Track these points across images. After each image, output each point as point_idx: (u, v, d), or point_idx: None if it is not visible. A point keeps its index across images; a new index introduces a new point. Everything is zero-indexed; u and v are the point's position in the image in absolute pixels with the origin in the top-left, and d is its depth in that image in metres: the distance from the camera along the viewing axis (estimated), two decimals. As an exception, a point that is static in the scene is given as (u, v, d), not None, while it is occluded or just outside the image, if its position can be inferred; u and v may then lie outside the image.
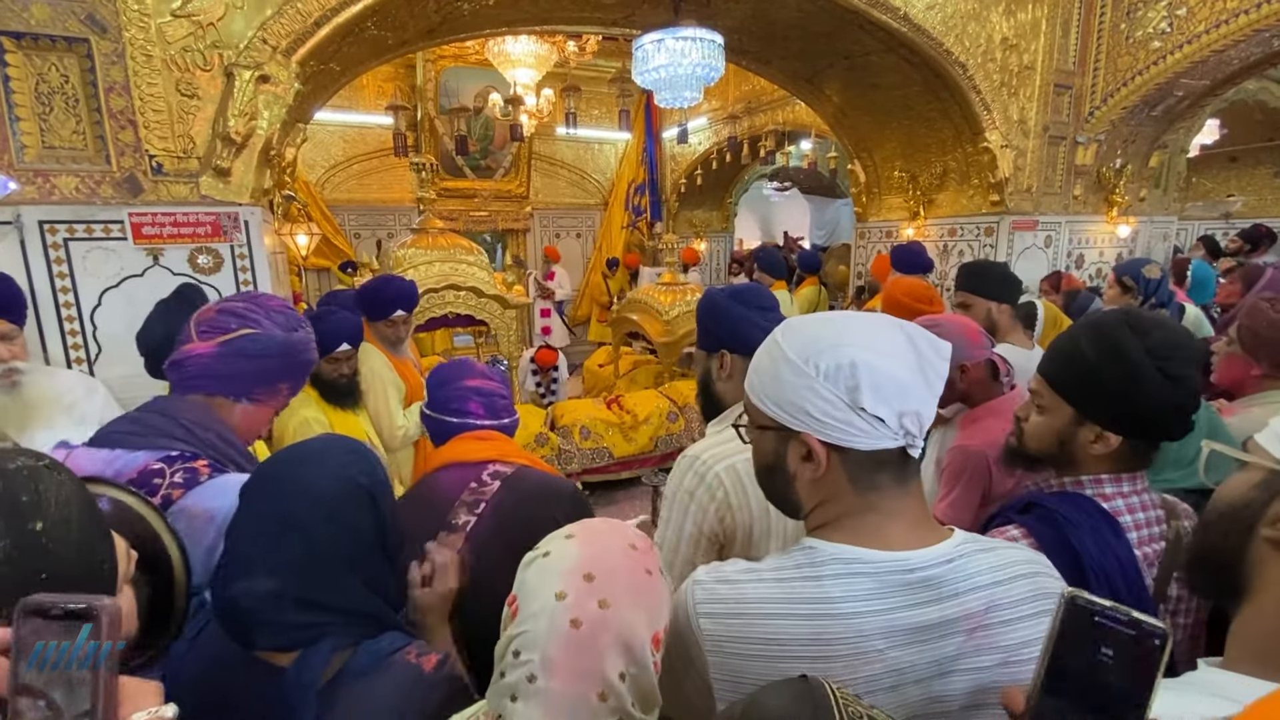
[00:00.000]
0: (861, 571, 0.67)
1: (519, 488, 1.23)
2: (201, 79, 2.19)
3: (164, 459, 1.08)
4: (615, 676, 0.62)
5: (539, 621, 0.63)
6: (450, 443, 1.34)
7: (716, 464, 1.09)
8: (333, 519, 0.84)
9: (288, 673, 0.81)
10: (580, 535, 0.70)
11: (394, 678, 0.82)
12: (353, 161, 7.24)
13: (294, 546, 0.82)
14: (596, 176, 8.57)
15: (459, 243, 4.94)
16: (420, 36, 3.30)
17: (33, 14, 1.98)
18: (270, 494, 0.85)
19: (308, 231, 4.58)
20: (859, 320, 0.73)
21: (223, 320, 1.22)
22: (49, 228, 2.09)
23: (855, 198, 5.11)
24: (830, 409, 0.68)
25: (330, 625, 0.83)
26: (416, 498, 1.26)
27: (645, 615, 0.66)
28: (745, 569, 0.73)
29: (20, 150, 2.04)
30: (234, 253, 2.31)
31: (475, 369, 1.43)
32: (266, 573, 0.81)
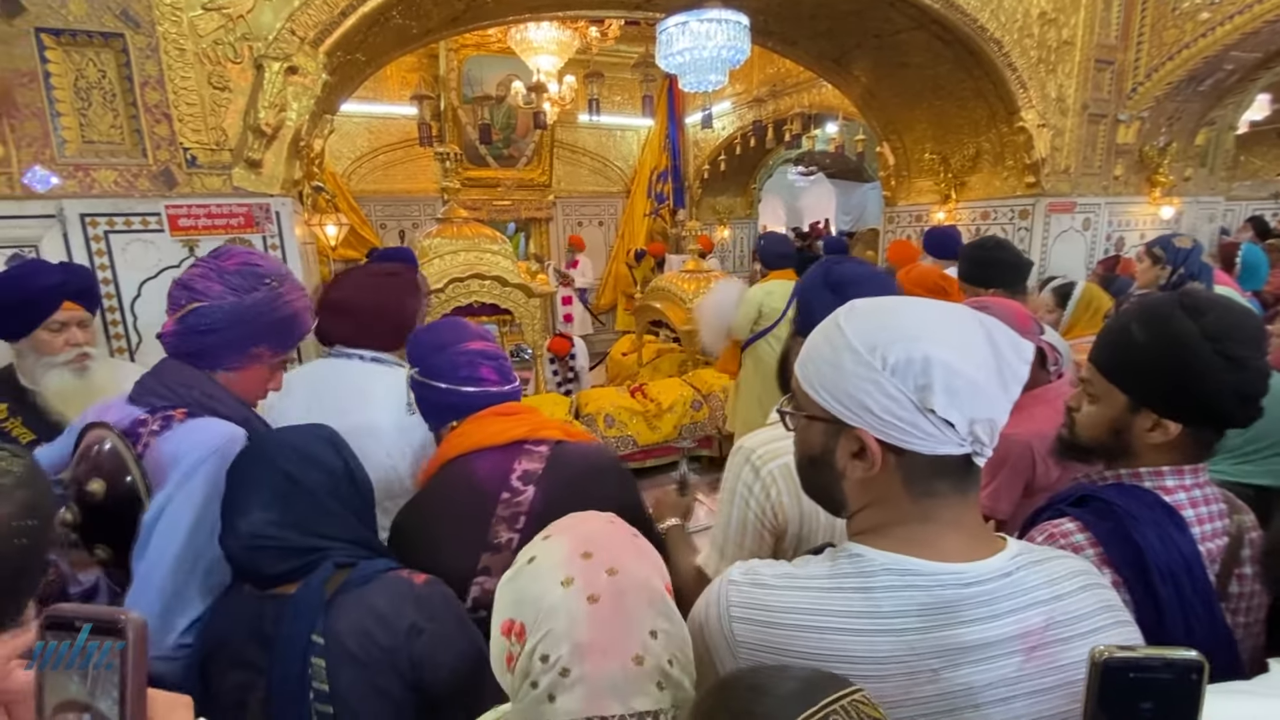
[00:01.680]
0: (915, 584, 0.63)
1: (564, 470, 1.17)
2: (232, 71, 2.21)
3: (149, 411, 1.17)
4: (647, 635, 0.62)
5: (557, 617, 0.61)
6: (474, 422, 1.21)
7: (771, 461, 1.07)
8: (306, 459, 1.00)
9: (296, 596, 0.93)
10: (557, 530, 0.70)
11: (386, 587, 0.96)
12: (378, 152, 7.30)
13: (279, 483, 0.97)
14: (619, 164, 8.52)
15: (483, 232, 4.96)
16: (444, 25, 3.29)
17: (70, 10, 2.02)
18: (254, 453, 1.02)
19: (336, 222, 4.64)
20: (934, 309, 0.67)
21: (176, 293, 1.22)
22: (90, 220, 2.14)
23: (884, 181, 5.00)
24: (894, 407, 0.61)
25: (330, 550, 0.97)
26: (453, 487, 1.18)
27: (653, 568, 0.67)
28: (783, 574, 0.69)
29: (61, 145, 2.09)
30: (266, 243, 2.34)
31: (470, 329, 1.30)
32: (260, 508, 0.95)
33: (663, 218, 8.27)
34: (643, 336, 5.61)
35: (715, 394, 4.54)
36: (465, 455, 1.18)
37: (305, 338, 1.39)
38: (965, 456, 0.64)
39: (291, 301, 1.28)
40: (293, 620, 0.91)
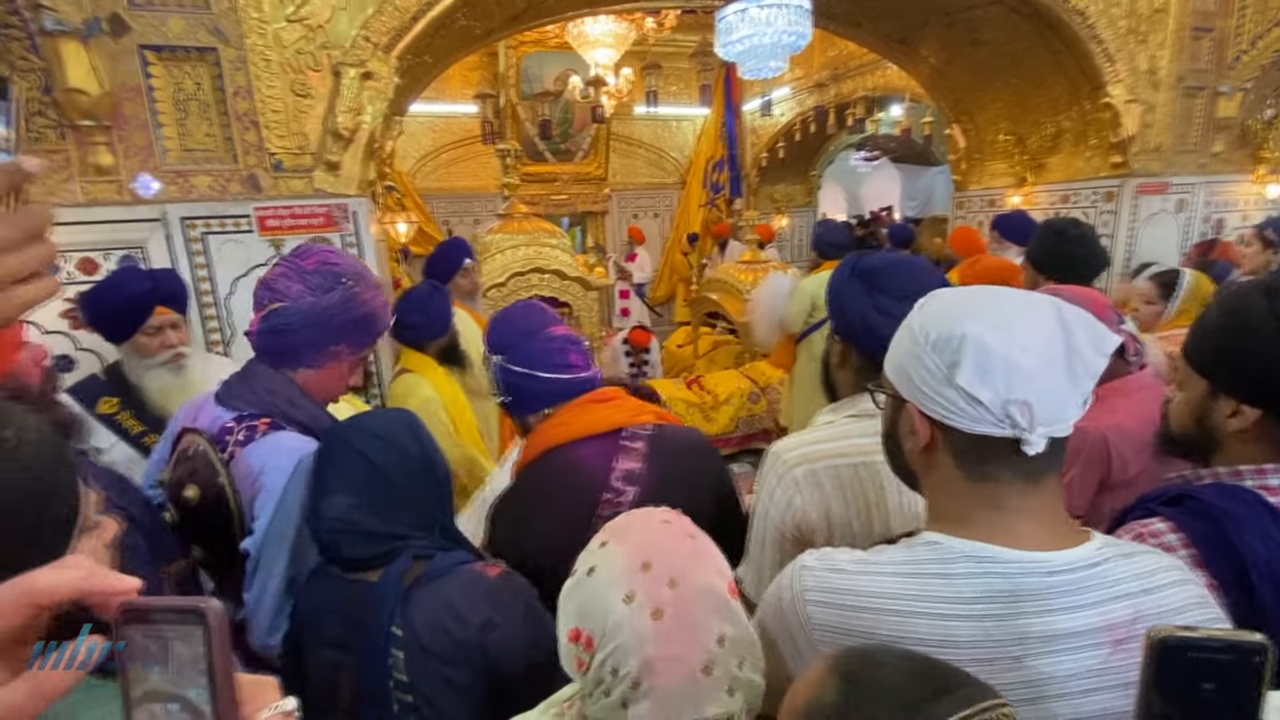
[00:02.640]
0: (995, 572, 0.63)
1: (667, 457, 1.16)
2: (313, 79, 2.34)
3: (235, 417, 1.22)
4: (714, 643, 0.64)
5: (623, 633, 0.63)
6: (573, 410, 1.20)
7: (796, 467, 1.03)
8: (387, 445, 1.02)
9: (378, 585, 0.97)
10: (613, 538, 0.71)
11: (462, 580, 0.99)
12: (441, 151, 7.53)
13: (361, 469, 1.00)
14: (674, 155, 8.49)
15: (543, 226, 5.06)
16: (505, 24, 3.37)
17: (170, 28, 2.18)
18: (339, 439, 1.06)
19: (407, 220, 4.84)
20: (1005, 296, 0.67)
21: (260, 293, 1.26)
22: (189, 223, 2.31)
23: (953, 165, 4.79)
24: (931, 380, 0.65)
25: (410, 539, 1.00)
26: (557, 479, 1.17)
27: (713, 571, 0.67)
28: (858, 559, 0.71)
29: (164, 153, 2.27)
30: (344, 241, 2.47)
31: (547, 312, 1.30)
32: (343, 491, 1.00)
33: (719, 208, 8.19)
34: (699, 328, 5.59)
35: (773, 386, 4.49)
36: (567, 445, 1.16)
37: (382, 335, 1.46)
38: (1014, 443, 0.63)
39: (368, 300, 1.30)
40: (373, 613, 0.95)
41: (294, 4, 2.26)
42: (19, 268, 0.48)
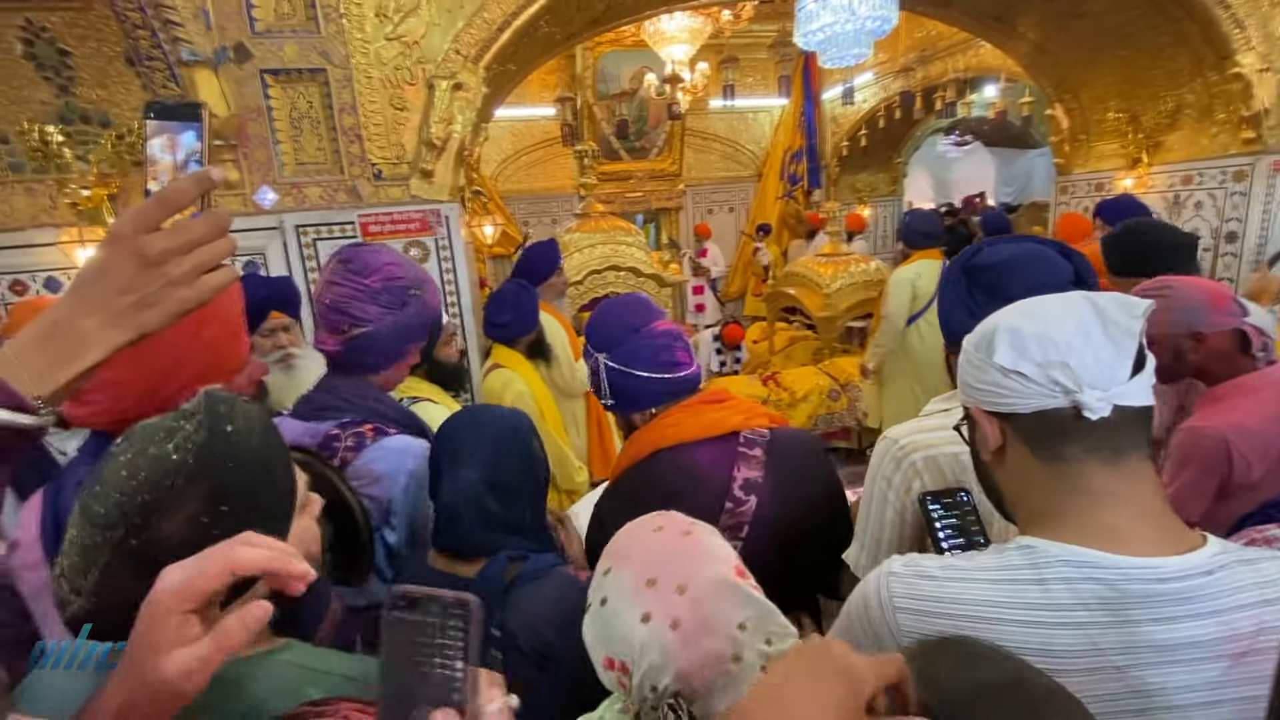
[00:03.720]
0: (1096, 578, 0.61)
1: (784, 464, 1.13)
2: (409, 93, 2.50)
3: (339, 425, 1.27)
4: (736, 630, 0.66)
5: (651, 652, 0.66)
6: (686, 411, 1.16)
7: (915, 453, 1.03)
8: (511, 432, 1.10)
9: (476, 582, 1.01)
10: (615, 563, 0.73)
11: (557, 583, 1.02)
12: (521, 154, 7.77)
13: (487, 451, 1.07)
14: (750, 147, 8.36)
15: (619, 225, 5.15)
16: (585, 28, 3.44)
17: (285, 53, 2.39)
18: (468, 423, 1.13)
19: (493, 223, 5.05)
20: (1037, 298, 0.71)
21: (332, 316, 1.27)
22: (302, 230, 2.53)
23: (1055, 147, 4.46)
24: (979, 373, 0.69)
25: (506, 540, 1.04)
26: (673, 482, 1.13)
27: (717, 561, 0.69)
28: (948, 565, 0.70)
29: (281, 167, 2.49)
30: (437, 245, 2.63)
31: (651, 308, 1.24)
32: (475, 467, 1.06)
33: (796, 200, 8.01)
34: (775, 324, 5.51)
35: (854, 384, 4.36)
36: (681, 446, 1.13)
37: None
38: (1077, 414, 0.63)
39: (434, 304, 1.37)
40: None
41: (392, 23, 2.42)
42: (210, 258, 0.59)
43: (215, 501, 0.61)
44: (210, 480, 0.61)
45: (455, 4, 2.48)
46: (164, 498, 0.59)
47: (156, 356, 0.91)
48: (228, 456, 0.63)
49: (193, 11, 2.23)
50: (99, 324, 0.57)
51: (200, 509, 0.60)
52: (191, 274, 0.58)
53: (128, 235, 0.56)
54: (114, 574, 0.58)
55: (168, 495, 0.59)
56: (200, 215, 0.58)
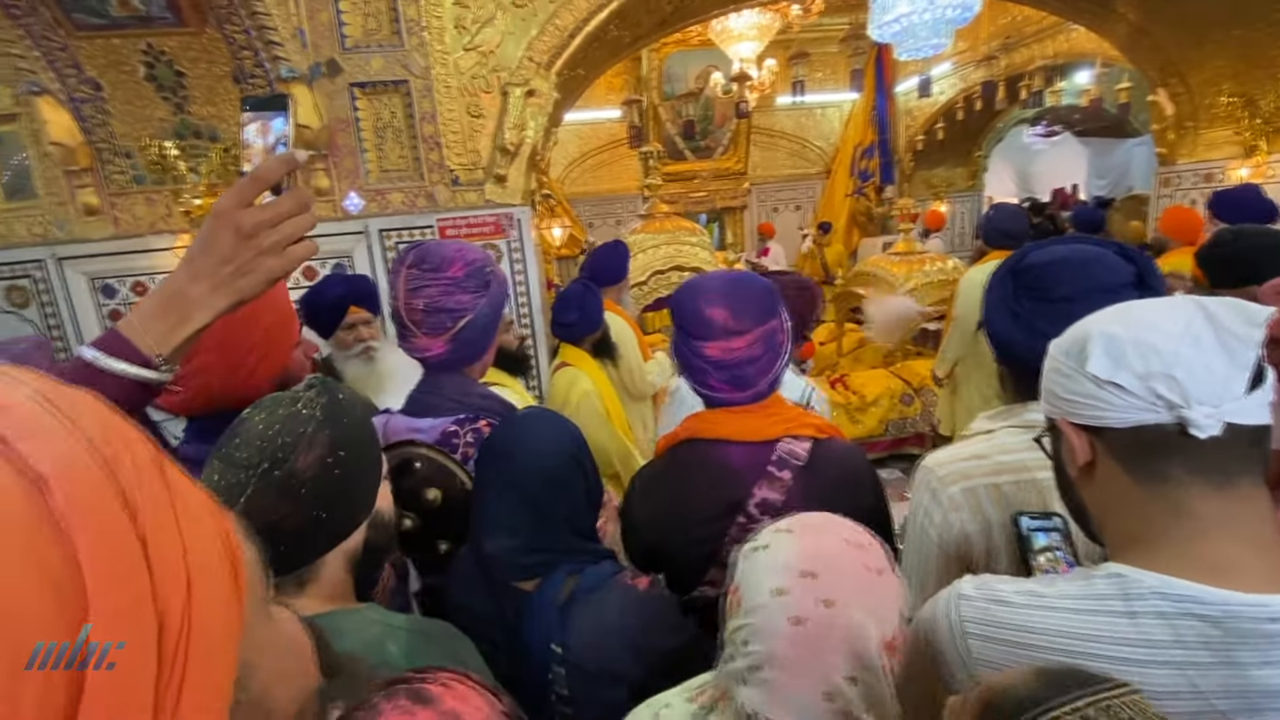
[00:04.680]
0: (1197, 614, 0.56)
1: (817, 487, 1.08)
2: (484, 100, 2.59)
3: (456, 422, 1.30)
4: (842, 680, 0.62)
5: (760, 616, 0.64)
6: (728, 411, 1.13)
7: (952, 485, 0.95)
8: (554, 485, 1.02)
9: (533, 596, 1.00)
10: (798, 530, 0.70)
11: (617, 595, 0.99)
12: (587, 156, 7.89)
13: (527, 511, 1.01)
14: (819, 144, 8.18)
15: (683, 225, 5.14)
16: (653, 29, 3.46)
17: (372, 66, 2.52)
18: (507, 469, 1.04)
19: (561, 225, 5.16)
20: (1136, 302, 0.65)
21: (434, 319, 1.29)
22: (385, 234, 2.67)
23: (1158, 136, 4.14)
24: (1068, 383, 0.64)
25: (559, 558, 1.02)
26: (701, 481, 1.12)
27: (875, 618, 0.63)
28: (1026, 591, 0.66)
29: (366, 174, 2.63)
30: (510, 247, 2.71)
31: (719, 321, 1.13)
32: (507, 533, 1.01)
33: (867, 196, 7.76)
34: (843, 325, 5.35)
35: (928, 388, 4.18)
36: (718, 441, 1.12)
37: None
38: (1181, 431, 0.57)
39: (502, 275, 1.40)
40: (532, 628, 0.98)
41: (469, 34, 2.52)
42: (294, 231, 0.67)
43: (335, 447, 0.77)
44: (331, 429, 0.77)
45: (529, 13, 2.55)
46: (299, 441, 0.75)
47: (233, 345, 1.02)
48: (343, 414, 0.80)
49: (291, 31, 2.39)
50: (205, 290, 0.66)
51: (325, 452, 0.76)
52: (279, 245, 0.66)
53: (227, 211, 0.64)
54: (258, 499, 0.72)
55: (302, 439, 0.75)
56: (286, 193, 0.66)
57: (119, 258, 2.66)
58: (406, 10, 2.45)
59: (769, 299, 1.11)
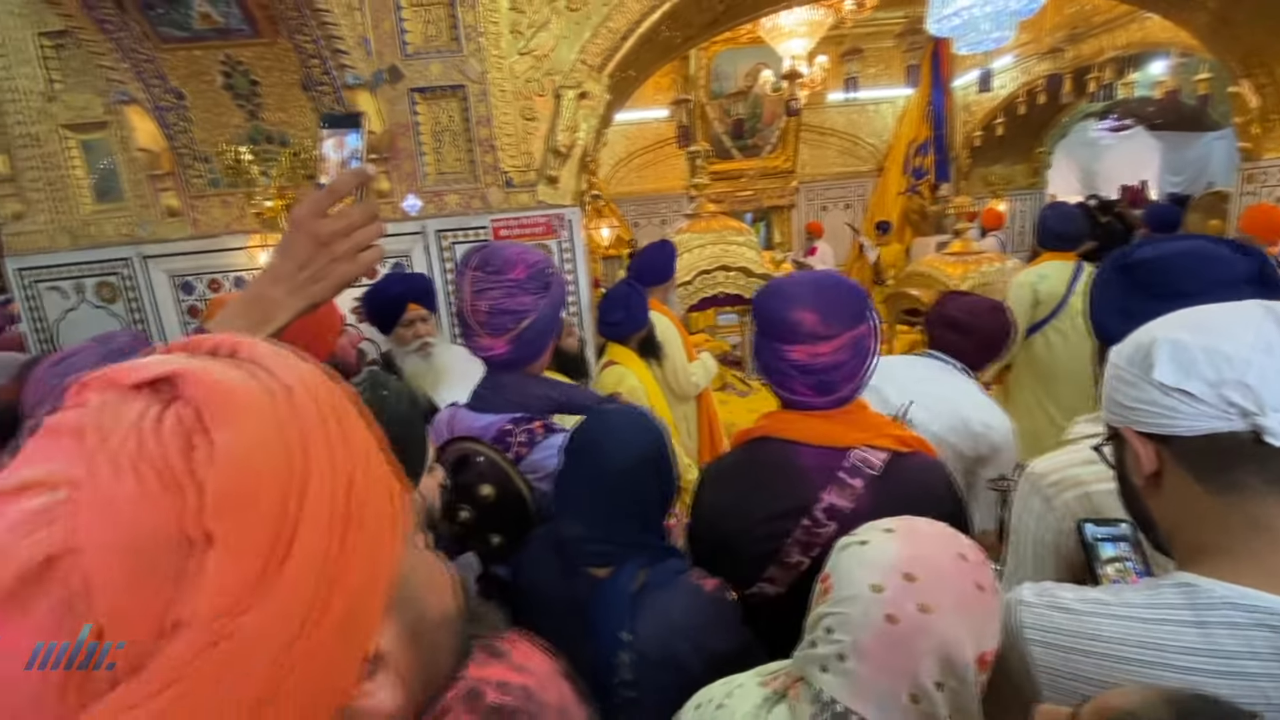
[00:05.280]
0: (1272, 625, 0.55)
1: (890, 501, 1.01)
2: (538, 103, 2.64)
3: (512, 421, 1.35)
4: (930, 684, 0.62)
5: (853, 606, 0.65)
6: (800, 414, 1.10)
7: (1066, 491, 0.93)
8: (631, 480, 1.05)
9: (606, 582, 1.03)
10: (900, 531, 0.70)
11: (684, 593, 1.03)
12: (633, 156, 7.92)
13: (603, 502, 1.06)
14: (870, 141, 7.99)
15: (729, 224, 5.10)
16: (703, 29, 3.45)
17: (431, 72, 2.60)
18: (587, 464, 1.09)
19: (610, 225, 5.21)
20: (1202, 307, 0.63)
21: (496, 320, 1.33)
22: (442, 234, 2.75)
23: (1240, 129, 3.89)
24: (1132, 390, 0.63)
25: (628, 551, 1.05)
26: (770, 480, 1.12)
27: (971, 632, 0.63)
28: (1089, 599, 0.65)
29: (424, 177, 2.72)
30: (560, 247, 2.76)
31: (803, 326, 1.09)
32: (586, 521, 1.07)
33: (921, 194, 7.53)
34: (895, 327, 5.22)
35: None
36: (791, 444, 1.10)
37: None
38: (1256, 438, 0.55)
39: (561, 277, 1.44)
40: (602, 615, 1.01)
41: (525, 39, 2.57)
42: (365, 239, 0.71)
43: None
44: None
45: (582, 16, 2.58)
46: None
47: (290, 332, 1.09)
48: (384, 408, 0.84)
49: (356, 39, 2.50)
50: (284, 293, 0.71)
51: None
52: (351, 251, 0.70)
53: (305, 220, 0.69)
54: None
55: None
56: (357, 203, 0.71)
57: (196, 256, 2.83)
58: (465, 17, 2.52)
59: (859, 303, 1.09)
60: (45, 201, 2.77)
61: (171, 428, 0.28)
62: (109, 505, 0.26)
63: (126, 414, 0.29)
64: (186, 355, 0.33)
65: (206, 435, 0.28)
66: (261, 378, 0.32)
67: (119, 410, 0.29)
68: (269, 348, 0.35)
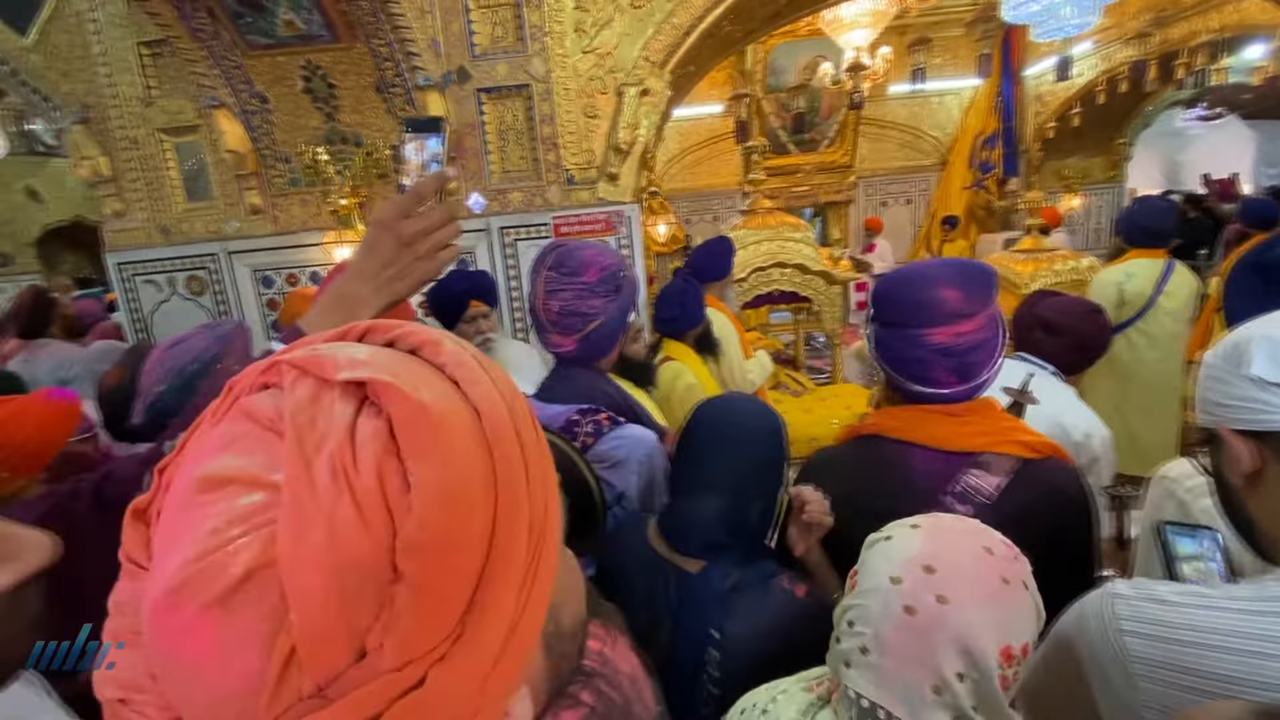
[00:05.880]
0: None
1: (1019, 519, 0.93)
2: (600, 101, 2.66)
3: (580, 411, 1.37)
4: (952, 675, 0.62)
5: (873, 599, 0.66)
6: (914, 411, 1.04)
7: (1204, 498, 0.88)
8: (765, 437, 1.05)
9: (697, 578, 1.03)
10: (925, 527, 0.71)
11: (775, 597, 1.02)
12: (686, 153, 7.89)
13: (739, 459, 1.04)
14: (934, 133, 7.71)
15: (785, 220, 5.02)
16: (765, 23, 3.41)
17: (498, 72, 2.66)
18: (716, 436, 1.08)
19: (667, 222, 5.22)
20: None
21: (565, 320, 1.38)
22: (505, 232, 2.82)
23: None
24: (1227, 388, 0.64)
25: (731, 546, 1.04)
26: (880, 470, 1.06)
27: (994, 623, 0.63)
28: (1188, 591, 0.65)
29: (489, 175, 2.79)
30: (619, 244, 2.78)
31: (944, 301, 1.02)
32: (717, 491, 1.05)
33: (987, 189, 7.23)
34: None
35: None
36: (903, 445, 1.04)
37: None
38: None
39: (634, 278, 1.47)
40: (694, 611, 1.01)
41: (589, 37, 2.60)
42: (444, 238, 0.74)
43: None
44: None
45: (646, 13, 2.59)
46: None
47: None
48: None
49: (427, 42, 2.58)
50: (369, 291, 0.73)
51: None
52: (432, 251, 0.73)
53: (389, 221, 0.72)
54: None
55: None
56: (437, 205, 0.74)
57: (276, 252, 2.99)
58: (530, 17, 2.57)
59: (992, 279, 1.04)
60: (143, 200, 2.98)
61: (371, 445, 0.27)
62: (319, 519, 0.26)
63: (328, 416, 0.28)
64: (369, 349, 0.32)
65: (404, 463, 0.27)
66: (455, 393, 0.31)
67: (317, 409, 0.28)
68: (456, 349, 0.34)
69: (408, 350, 0.33)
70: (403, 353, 0.33)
